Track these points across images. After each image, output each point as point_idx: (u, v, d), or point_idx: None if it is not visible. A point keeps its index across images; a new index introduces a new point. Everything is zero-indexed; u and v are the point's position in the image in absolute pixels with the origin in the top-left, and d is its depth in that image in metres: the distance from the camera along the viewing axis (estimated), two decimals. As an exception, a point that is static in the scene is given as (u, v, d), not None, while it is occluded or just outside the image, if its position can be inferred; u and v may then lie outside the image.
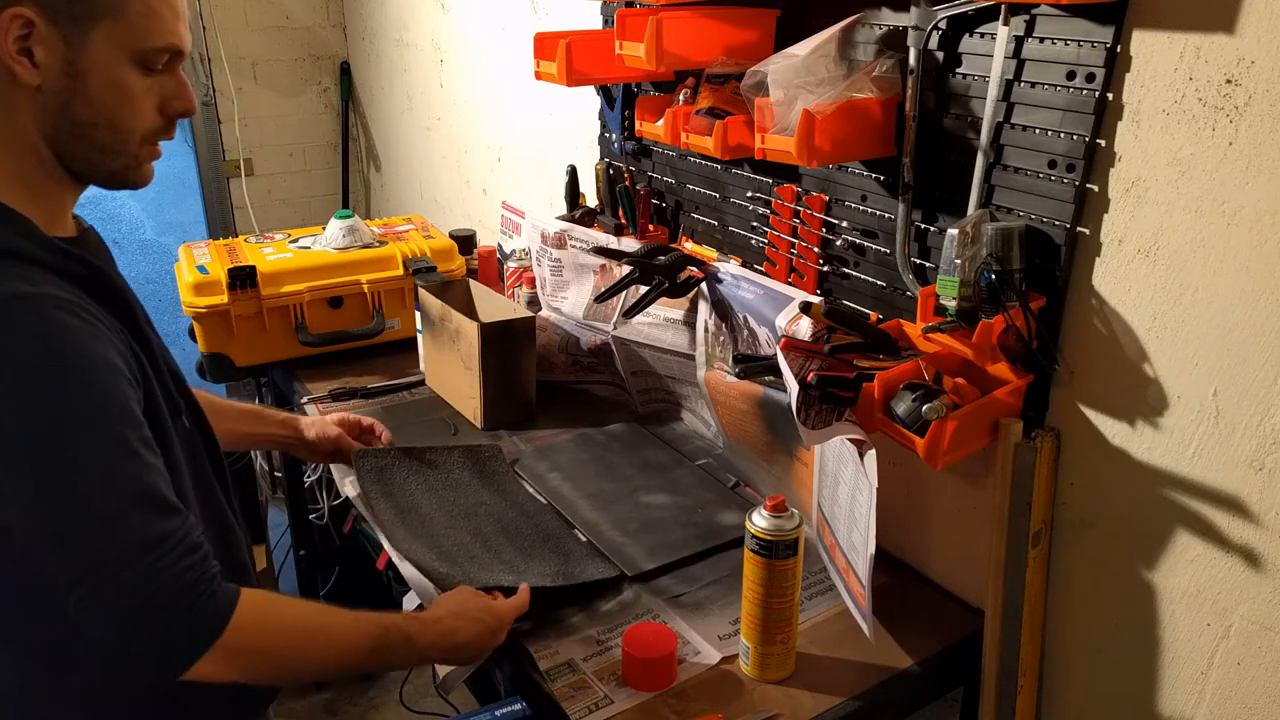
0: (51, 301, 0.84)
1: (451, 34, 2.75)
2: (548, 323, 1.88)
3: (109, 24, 0.89)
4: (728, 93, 1.47)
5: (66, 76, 0.89)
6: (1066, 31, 1.09)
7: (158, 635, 0.85)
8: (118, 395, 0.87)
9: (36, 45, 0.87)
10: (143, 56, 0.91)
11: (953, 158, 1.25)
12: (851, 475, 1.23)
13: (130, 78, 0.91)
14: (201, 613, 0.87)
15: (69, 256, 0.90)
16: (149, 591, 0.84)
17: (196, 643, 0.87)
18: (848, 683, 1.20)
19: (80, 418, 0.84)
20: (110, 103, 0.91)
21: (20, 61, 0.87)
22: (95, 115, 0.91)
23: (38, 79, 0.88)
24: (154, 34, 0.91)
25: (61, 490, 0.83)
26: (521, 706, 1.84)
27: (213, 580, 0.88)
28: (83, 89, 0.90)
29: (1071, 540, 1.24)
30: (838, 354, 1.22)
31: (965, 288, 1.15)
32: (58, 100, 0.90)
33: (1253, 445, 1.03)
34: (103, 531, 0.83)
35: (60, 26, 0.87)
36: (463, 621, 1.12)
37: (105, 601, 0.83)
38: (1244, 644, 1.09)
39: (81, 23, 0.88)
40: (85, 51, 0.88)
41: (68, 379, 0.84)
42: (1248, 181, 0.98)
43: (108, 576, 0.83)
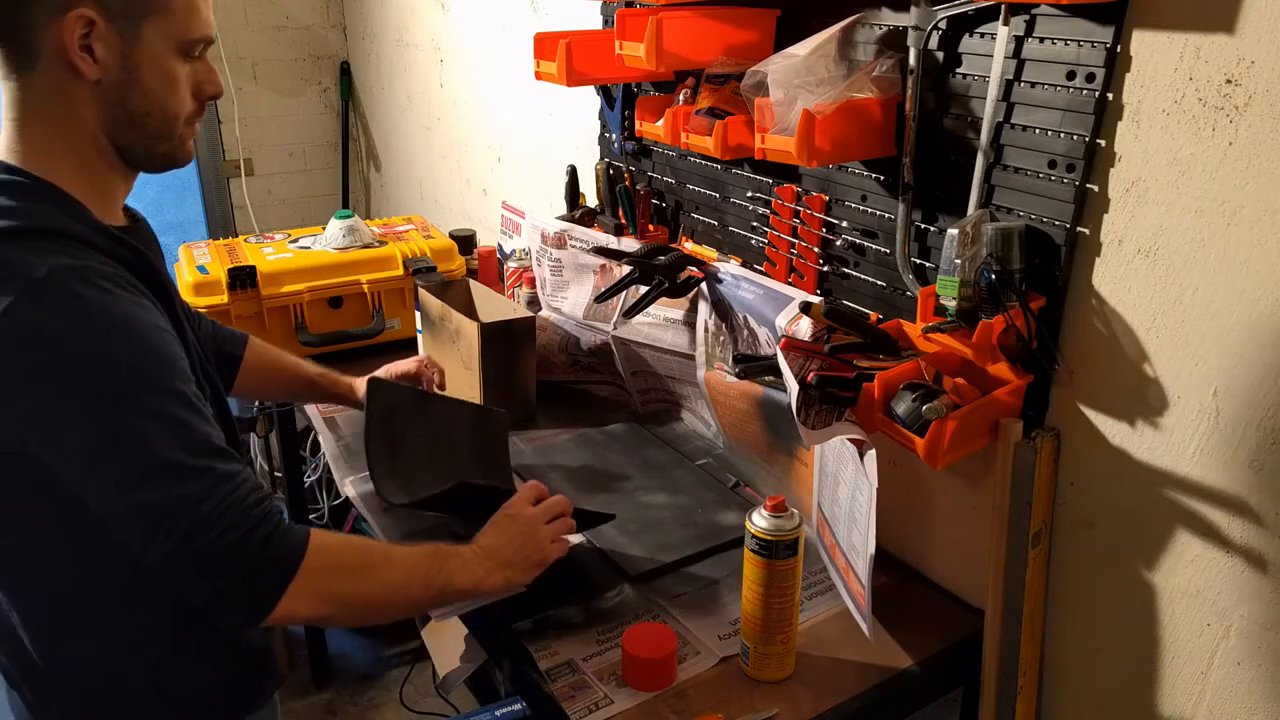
0: (97, 273, 0.90)
1: (451, 34, 2.75)
2: (548, 323, 1.88)
3: (157, 19, 0.96)
4: (728, 93, 1.47)
5: (123, 70, 0.96)
6: (1066, 31, 1.09)
7: (242, 571, 0.90)
8: (171, 352, 0.93)
9: (96, 42, 0.94)
10: (184, 47, 0.99)
11: (953, 158, 1.25)
12: (851, 475, 1.23)
13: (175, 67, 0.99)
14: (280, 543, 0.92)
15: (118, 241, 0.97)
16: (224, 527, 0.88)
17: (283, 571, 0.92)
18: (848, 683, 1.19)
19: (137, 373, 0.89)
20: (160, 91, 0.99)
21: (84, 58, 0.93)
22: (148, 104, 0.98)
23: (98, 73, 0.95)
24: (194, 26, 0.99)
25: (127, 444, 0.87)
26: (521, 706, 1.84)
27: (281, 516, 0.94)
28: (137, 80, 0.97)
29: (1071, 540, 1.24)
30: (838, 354, 1.22)
31: (965, 288, 1.15)
32: (115, 93, 0.97)
33: (1253, 445, 1.03)
34: (172, 479, 0.88)
35: (117, 23, 0.94)
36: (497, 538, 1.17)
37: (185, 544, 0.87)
38: (1244, 644, 1.09)
39: (135, 19, 0.95)
40: (138, 45, 0.96)
41: (123, 339, 0.89)
42: (1248, 181, 0.98)
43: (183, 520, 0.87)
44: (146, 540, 0.88)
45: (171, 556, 0.88)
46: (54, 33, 0.92)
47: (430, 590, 1.08)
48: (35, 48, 0.93)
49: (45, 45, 0.93)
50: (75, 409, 0.87)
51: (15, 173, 0.95)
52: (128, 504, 0.88)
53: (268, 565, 0.92)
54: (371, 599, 1.04)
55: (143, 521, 0.88)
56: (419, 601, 1.11)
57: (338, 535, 1.04)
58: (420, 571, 1.07)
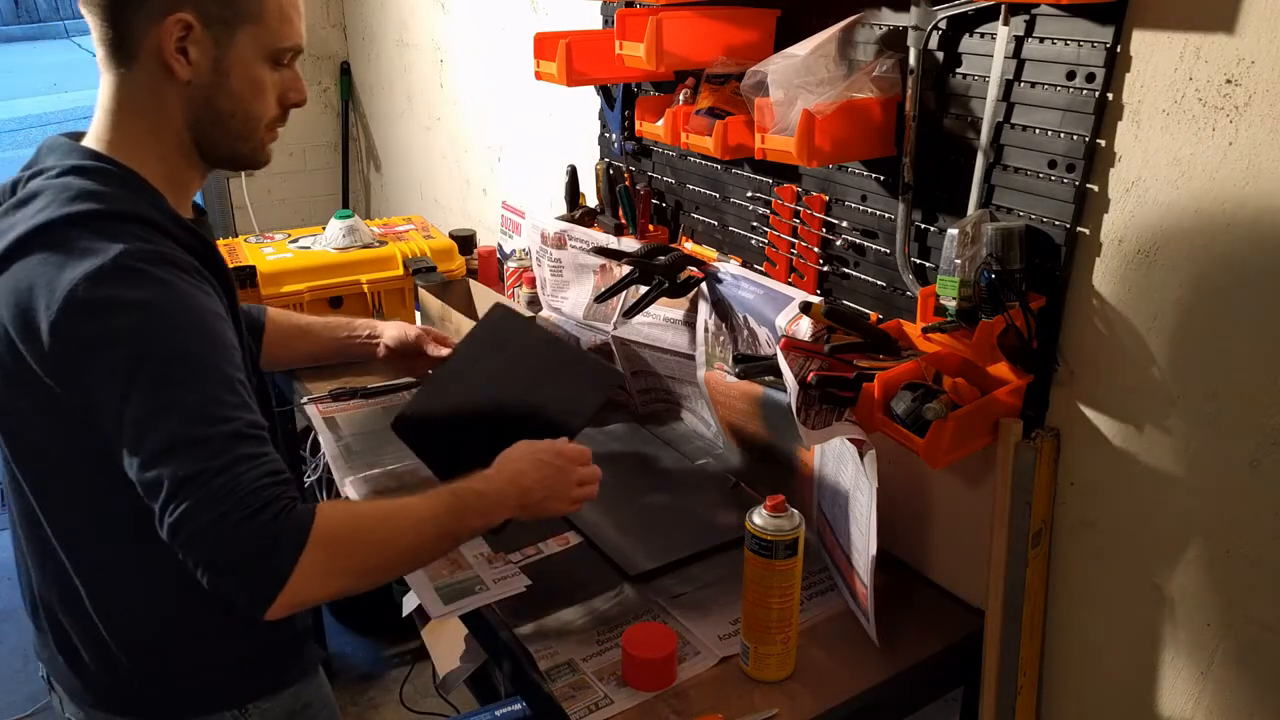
0: (168, 258, 0.95)
1: (451, 34, 2.75)
2: (548, 323, 1.88)
3: (251, 27, 1.01)
4: (728, 93, 1.47)
5: (214, 73, 1.01)
6: (1066, 31, 1.09)
7: (240, 554, 0.90)
8: (226, 339, 0.97)
9: (192, 45, 0.99)
10: (274, 55, 1.04)
11: (953, 158, 1.25)
12: (851, 475, 1.23)
13: (263, 74, 1.04)
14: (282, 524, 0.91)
15: (190, 231, 1.02)
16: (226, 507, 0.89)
17: (285, 555, 0.91)
18: (848, 683, 1.19)
19: (192, 354, 0.94)
20: (247, 96, 1.04)
21: (178, 60, 0.99)
22: (234, 107, 1.04)
23: (190, 75, 1.00)
24: (285, 35, 1.04)
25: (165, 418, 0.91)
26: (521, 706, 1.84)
27: (294, 499, 0.94)
28: (225, 84, 1.02)
29: (1071, 540, 1.24)
30: (838, 354, 1.22)
31: (965, 288, 1.14)
32: (204, 94, 1.02)
33: (1253, 445, 1.03)
34: (193, 454, 0.90)
35: (212, 29, 0.99)
36: (526, 464, 1.17)
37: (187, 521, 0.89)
38: (1244, 644, 1.09)
39: (230, 26, 1.00)
40: (231, 51, 1.01)
41: (184, 321, 0.94)
42: (1248, 181, 0.98)
43: (190, 494, 0.89)
44: (160, 512, 0.90)
45: (174, 531, 0.90)
46: (154, 34, 0.98)
47: (450, 541, 1.11)
48: (136, 45, 0.99)
49: (145, 44, 0.99)
50: (130, 379, 0.91)
51: (102, 159, 1.00)
52: (151, 475, 0.91)
53: (267, 549, 0.90)
54: (389, 565, 1.04)
55: (158, 492, 0.90)
56: (440, 554, 1.15)
57: (347, 506, 1.05)
58: (439, 526, 1.07)
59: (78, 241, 0.93)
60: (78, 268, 0.91)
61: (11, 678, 2.53)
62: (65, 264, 0.92)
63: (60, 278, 0.91)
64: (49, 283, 0.92)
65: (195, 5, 0.98)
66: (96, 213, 0.95)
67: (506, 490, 1.14)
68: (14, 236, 0.95)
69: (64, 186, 0.97)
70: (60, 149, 1.03)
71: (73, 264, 0.92)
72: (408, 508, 1.06)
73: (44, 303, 0.91)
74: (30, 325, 0.93)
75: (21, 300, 0.93)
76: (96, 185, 0.97)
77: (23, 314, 0.93)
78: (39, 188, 0.98)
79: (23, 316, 0.93)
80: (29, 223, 0.95)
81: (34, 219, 0.95)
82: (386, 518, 1.04)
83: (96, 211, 0.95)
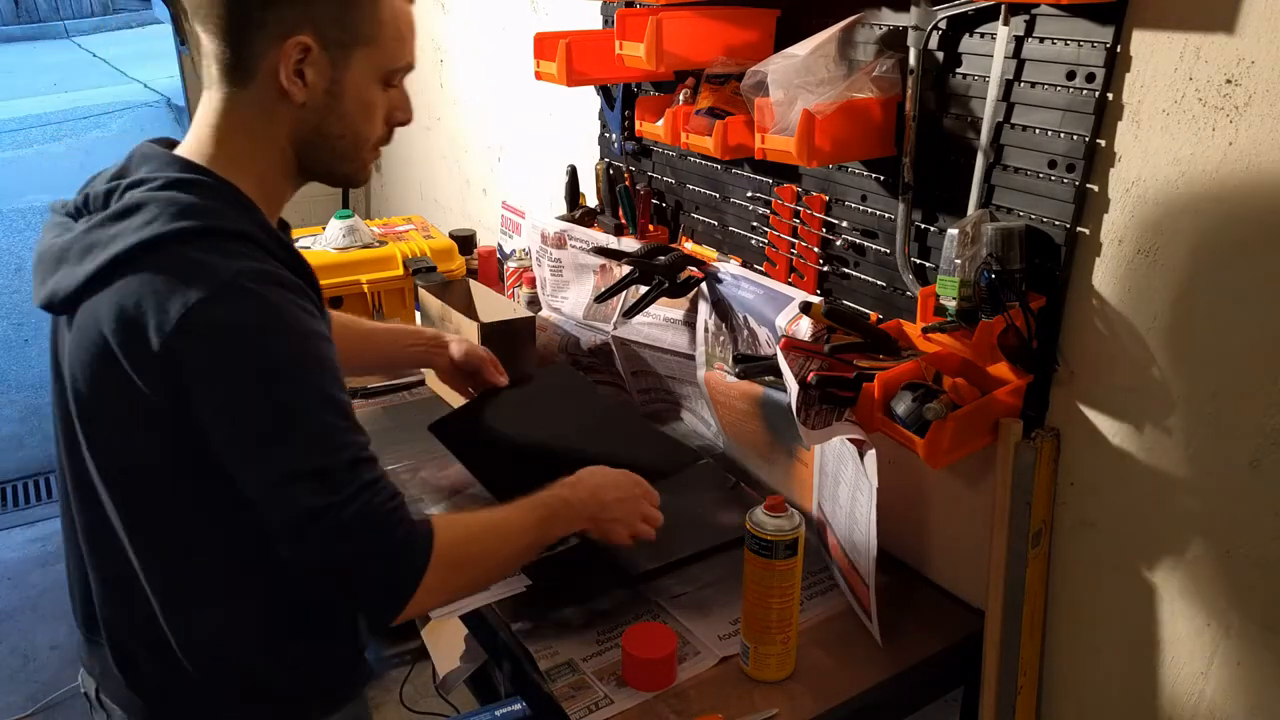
0: (275, 278, 0.95)
1: (451, 34, 2.75)
2: (548, 323, 1.88)
3: (367, 49, 1.00)
4: (728, 93, 1.47)
5: (328, 95, 1.00)
6: (1066, 31, 1.09)
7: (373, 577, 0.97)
8: (333, 361, 0.98)
9: (309, 68, 0.98)
10: (387, 76, 1.04)
11: (953, 158, 1.25)
12: (851, 475, 1.23)
13: (375, 95, 1.04)
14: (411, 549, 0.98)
15: (288, 249, 1.02)
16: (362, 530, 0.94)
17: (411, 573, 0.98)
18: (848, 683, 1.20)
19: (306, 378, 0.94)
20: (358, 117, 1.03)
21: (295, 82, 0.98)
22: (344, 128, 1.03)
23: (304, 96, 0.99)
24: (399, 55, 1.04)
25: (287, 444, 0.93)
26: (521, 706, 1.84)
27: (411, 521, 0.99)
28: (338, 105, 1.01)
29: (1071, 540, 1.24)
30: (838, 354, 1.22)
31: (965, 288, 1.14)
32: (317, 116, 1.01)
33: (1253, 445, 1.03)
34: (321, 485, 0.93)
35: (330, 51, 0.98)
36: (608, 482, 1.24)
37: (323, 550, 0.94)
38: (1244, 644, 1.09)
39: (347, 48, 0.99)
40: (346, 73, 1.00)
41: (296, 344, 0.94)
42: (1248, 182, 0.98)
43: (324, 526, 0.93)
44: (289, 537, 0.95)
45: (310, 557, 0.95)
46: (272, 55, 0.97)
47: (537, 549, 1.16)
48: (253, 66, 0.98)
49: (263, 65, 0.98)
50: (247, 404, 0.92)
51: (202, 172, 0.99)
52: (278, 500, 0.94)
53: (398, 571, 0.98)
54: (490, 578, 1.15)
55: (288, 521, 0.94)
56: (528, 561, 1.20)
57: (458, 525, 1.07)
58: (531, 538, 1.14)
59: (188, 260, 0.92)
60: (190, 288, 0.90)
61: (11, 678, 2.53)
62: (176, 283, 0.91)
63: (172, 297, 0.90)
64: (160, 301, 0.90)
65: (315, 27, 0.97)
66: (205, 230, 0.94)
67: (588, 501, 1.20)
68: (120, 249, 0.93)
69: (169, 201, 0.95)
70: (156, 158, 1.01)
71: (184, 283, 0.90)
72: (508, 524, 1.12)
73: (155, 321, 0.90)
74: (138, 342, 0.91)
75: (128, 316, 0.91)
76: (202, 200, 0.96)
77: (128, 330, 0.91)
78: (141, 200, 0.95)
79: (128, 332, 0.91)
80: (135, 236, 0.93)
81: (140, 233, 0.93)
82: (492, 536, 1.11)
83: (205, 229, 0.94)
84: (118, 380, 0.93)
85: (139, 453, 0.98)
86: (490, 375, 1.58)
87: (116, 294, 0.92)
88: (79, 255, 0.96)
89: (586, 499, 1.20)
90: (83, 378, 0.96)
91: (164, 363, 0.91)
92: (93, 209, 0.99)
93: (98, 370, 0.95)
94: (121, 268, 0.93)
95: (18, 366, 4.31)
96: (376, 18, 1.00)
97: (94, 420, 0.98)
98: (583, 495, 1.20)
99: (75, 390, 0.98)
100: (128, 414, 0.95)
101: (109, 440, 0.99)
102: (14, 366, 4.31)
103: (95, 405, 0.97)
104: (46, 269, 1.00)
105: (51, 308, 0.99)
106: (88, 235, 0.96)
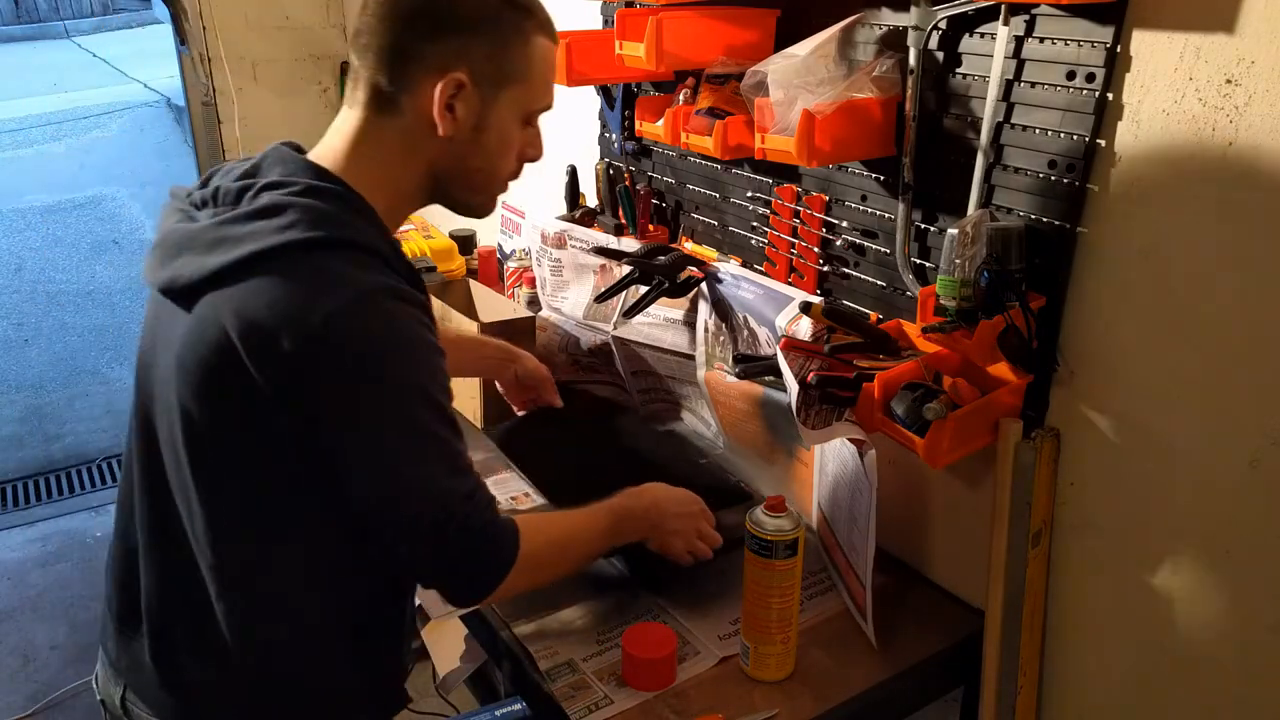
0: (403, 294, 0.98)
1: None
2: (548, 323, 1.88)
3: (516, 88, 1.04)
4: (728, 93, 1.47)
5: (474, 130, 1.03)
6: (1066, 31, 1.09)
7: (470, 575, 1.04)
8: (447, 377, 1.02)
9: (460, 103, 1.01)
10: (529, 115, 1.08)
11: (953, 158, 1.25)
12: (851, 475, 1.24)
13: (515, 132, 1.07)
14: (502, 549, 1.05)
15: (409, 267, 1.05)
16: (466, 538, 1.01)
17: (501, 571, 1.05)
18: (848, 683, 1.20)
19: (426, 394, 0.98)
20: (497, 153, 1.07)
21: (446, 116, 1.01)
22: (483, 162, 1.07)
23: (452, 130, 1.02)
24: (543, 96, 1.08)
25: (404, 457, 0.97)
26: (521, 707, 1.84)
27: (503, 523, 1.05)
28: (482, 141, 1.05)
29: (1072, 540, 1.24)
30: (838, 354, 1.22)
31: (965, 288, 1.14)
32: (459, 149, 1.04)
33: (1253, 445, 1.03)
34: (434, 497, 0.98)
35: (481, 89, 1.02)
36: (666, 493, 1.30)
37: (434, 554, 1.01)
38: (1244, 644, 1.09)
39: (497, 86, 1.03)
40: (493, 110, 1.04)
41: (421, 360, 0.98)
42: (1248, 181, 0.98)
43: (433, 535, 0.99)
44: (399, 541, 1.00)
45: (418, 560, 1.02)
46: (426, 88, 1.00)
47: (607, 543, 1.23)
48: (406, 95, 1.01)
49: (416, 96, 1.01)
50: (373, 414, 0.95)
51: (340, 184, 1.01)
52: (391, 509, 0.98)
53: (490, 570, 1.04)
54: (559, 576, 1.20)
55: (400, 527, 0.99)
56: (591, 562, 1.26)
57: (539, 532, 1.12)
58: (600, 544, 1.22)
59: (327, 269, 0.94)
60: (329, 296, 0.92)
61: (11, 678, 2.53)
62: (315, 290, 0.92)
63: (309, 305, 0.91)
64: (297, 305, 0.91)
65: (470, 65, 1.00)
66: (342, 241, 0.96)
67: (650, 510, 1.26)
68: (256, 248, 0.94)
69: (308, 208, 0.96)
70: (291, 162, 1.03)
71: (323, 291, 0.92)
72: (581, 530, 1.20)
73: (288, 326, 0.91)
74: (266, 343, 0.92)
75: (258, 315, 0.92)
76: (339, 212, 0.98)
77: (256, 329, 0.92)
78: (280, 202, 0.97)
79: (257, 332, 0.92)
80: (274, 238, 0.94)
81: (280, 235, 0.94)
82: (566, 541, 1.18)
83: (342, 240, 0.96)
84: (234, 376, 0.93)
85: (241, 450, 0.99)
86: (547, 395, 1.65)
87: (248, 291, 0.93)
88: (207, 246, 0.97)
89: (649, 507, 1.26)
90: (195, 367, 0.96)
91: (293, 365, 0.92)
92: (221, 203, 1.01)
93: (213, 363, 0.95)
94: (254, 266, 0.93)
95: (18, 366, 4.30)
96: (527, 59, 1.04)
97: (197, 412, 0.98)
98: (645, 503, 1.26)
99: (182, 378, 0.97)
100: (238, 411, 0.96)
101: (212, 433, 0.99)
102: (14, 366, 4.31)
103: (203, 397, 0.97)
104: (167, 253, 1.00)
105: (169, 292, 0.99)
106: (219, 229, 0.97)
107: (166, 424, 1.01)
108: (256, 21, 3.37)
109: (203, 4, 3.21)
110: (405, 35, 1.00)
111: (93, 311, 4.86)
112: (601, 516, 1.21)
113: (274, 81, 3.46)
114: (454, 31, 1.00)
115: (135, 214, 6.18)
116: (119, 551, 1.12)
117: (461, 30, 1.00)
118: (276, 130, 3.89)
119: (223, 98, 3.35)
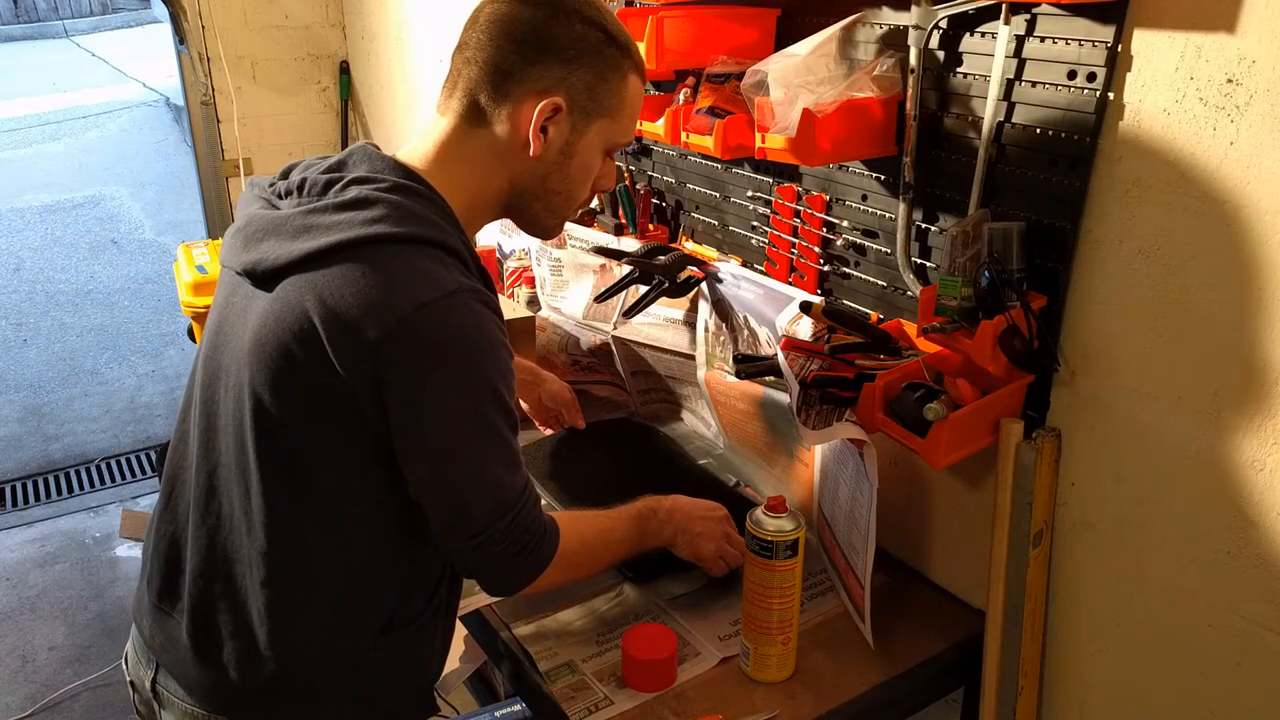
0: (483, 296, 1.01)
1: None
2: (548, 323, 1.88)
3: (606, 121, 1.08)
4: (728, 92, 1.47)
5: (561, 154, 1.08)
6: (1067, 31, 1.09)
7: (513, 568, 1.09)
8: (512, 377, 1.04)
9: (553, 126, 1.05)
10: (611, 148, 1.12)
11: (953, 157, 1.25)
12: (852, 475, 1.23)
13: (597, 162, 1.12)
14: (544, 544, 1.10)
15: (483, 269, 1.07)
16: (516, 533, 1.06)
17: (541, 565, 1.10)
18: (848, 683, 1.19)
19: (498, 393, 1.01)
20: (577, 179, 1.11)
21: (538, 137, 1.05)
22: (564, 186, 1.10)
23: (541, 151, 1.06)
24: (628, 132, 1.12)
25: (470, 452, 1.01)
26: (521, 707, 1.83)
27: (548, 519, 1.11)
28: (566, 166, 1.09)
29: (1072, 540, 1.24)
30: (838, 354, 1.22)
31: (966, 288, 1.14)
32: (544, 170, 1.08)
33: (1253, 446, 1.03)
34: (492, 493, 1.03)
35: (574, 116, 1.06)
36: (690, 501, 1.34)
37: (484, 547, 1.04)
38: (1244, 644, 1.09)
39: (590, 116, 1.07)
40: (582, 139, 1.08)
41: (496, 360, 1.01)
42: (1248, 181, 0.98)
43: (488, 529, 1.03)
44: (453, 532, 1.04)
45: (468, 551, 1.05)
46: (525, 107, 1.04)
47: (636, 545, 1.27)
48: (504, 112, 1.05)
49: (512, 112, 1.04)
50: (447, 409, 0.98)
51: (426, 185, 1.03)
52: (450, 499, 1.02)
53: (532, 564, 1.09)
54: (587, 576, 1.26)
55: (455, 517, 1.03)
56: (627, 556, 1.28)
57: (575, 533, 1.16)
58: (629, 546, 1.26)
59: (415, 265, 0.96)
60: (414, 292, 0.94)
61: (11, 678, 2.52)
62: (403, 283, 0.94)
63: (399, 295, 0.94)
64: (384, 295, 0.93)
65: (569, 92, 1.04)
66: (429, 239, 0.98)
67: (674, 514, 1.30)
68: (344, 237, 0.96)
69: (397, 204, 0.99)
70: (378, 159, 1.05)
71: (408, 287, 0.94)
72: (613, 532, 1.24)
73: (375, 313, 0.93)
74: (348, 330, 0.94)
75: (342, 303, 0.94)
76: (426, 212, 1.01)
77: (338, 316, 0.94)
78: (369, 196, 0.99)
79: (338, 319, 0.94)
80: (364, 229, 0.96)
81: (369, 227, 0.96)
82: (599, 541, 1.22)
83: (429, 238, 0.98)
84: (311, 361, 0.95)
85: (309, 438, 1.00)
86: (570, 417, 1.71)
87: (334, 277, 0.95)
88: (293, 233, 0.99)
89: (672, 509, 1.30)
90: (273, 350, 0.97)
91: (374, 353, 0.94)
92: (308, 194, 1.03)
93: (291, 346, 0.96)
94: (342, 253, 0.95)
95: (17, 366, 4.30)
96: (621, 95, 1.08)
97: (269, 396, 0.99)
98: (668, 505, 1.30)
99: (258, 361, 0.98)
100: (309, 397, 0.98)
101: (280, 418, 1.00)
102: (14, 366, 4.30)
103: (275, 381, 0.98)
104: (251, 238, 1.02)
105: (251, 275, 1.01)
106: (306, 217, 0.99)
107: (234, 405, 1.02)
108: (256, 21, 3.37)
109: (202, 3, 3.21)
110: (513, 55, 1.03)
111: (91, 311, 4.86)
112: (627, 517, 1.26)
113: (273, 81, 3.46)
114: (559, 59, 1.03)
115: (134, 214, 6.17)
116: (164, 527, 1.12)
117: (566, 58, 1.03)
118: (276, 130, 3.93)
119: (222, 97, 3.35)
